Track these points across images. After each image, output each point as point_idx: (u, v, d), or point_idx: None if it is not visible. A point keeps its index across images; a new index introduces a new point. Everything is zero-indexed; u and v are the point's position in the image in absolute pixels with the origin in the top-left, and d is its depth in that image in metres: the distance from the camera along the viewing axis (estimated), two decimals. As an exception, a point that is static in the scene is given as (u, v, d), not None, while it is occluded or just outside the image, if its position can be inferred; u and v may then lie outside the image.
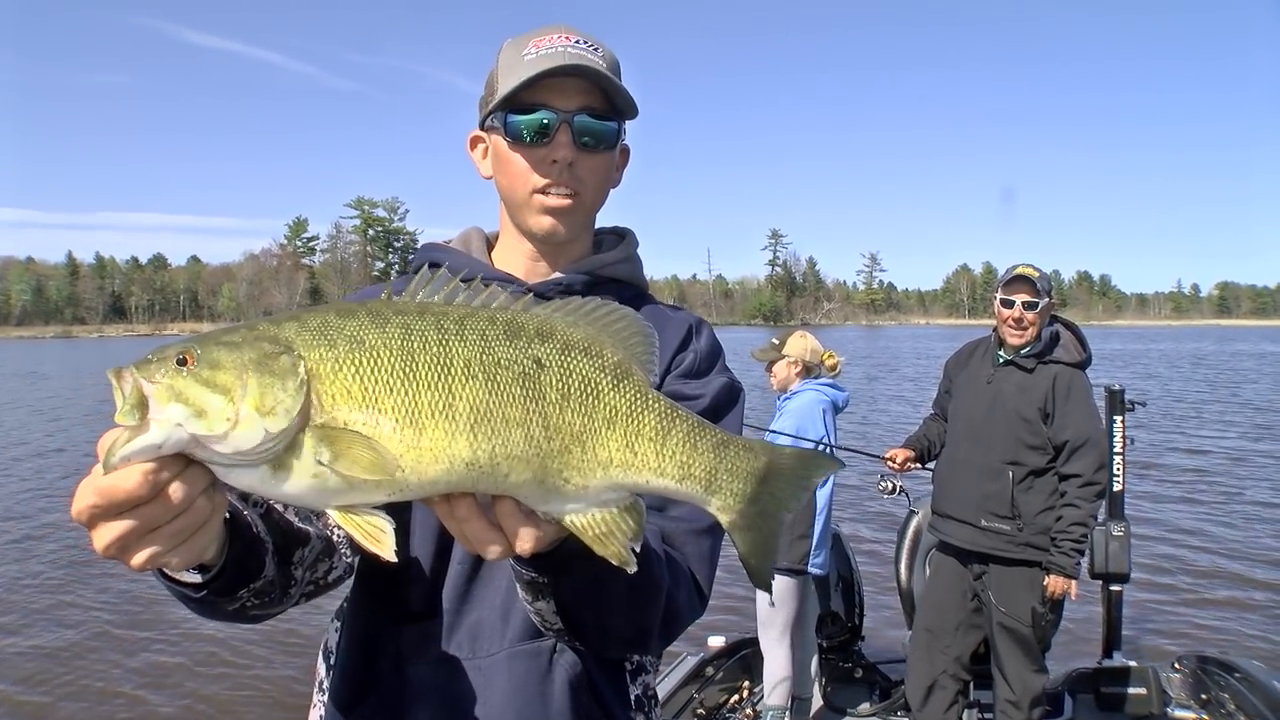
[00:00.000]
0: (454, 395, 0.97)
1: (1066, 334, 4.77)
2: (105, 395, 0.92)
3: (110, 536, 0.91)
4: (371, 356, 0.96)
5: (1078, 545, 4.48)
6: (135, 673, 7.46)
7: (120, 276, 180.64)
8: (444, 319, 1.00)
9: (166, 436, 0.89)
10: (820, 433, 5.30)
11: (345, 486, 0.94)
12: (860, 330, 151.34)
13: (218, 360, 0.92)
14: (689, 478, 1.08)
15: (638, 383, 1.08)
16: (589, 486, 1.03)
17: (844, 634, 5.84)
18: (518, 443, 0.99)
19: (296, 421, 0.92)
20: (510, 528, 1.04)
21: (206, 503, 0.95)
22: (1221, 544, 11.37)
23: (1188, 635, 8.12)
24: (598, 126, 1.53)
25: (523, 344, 1.02)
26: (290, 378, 0.93)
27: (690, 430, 1.08)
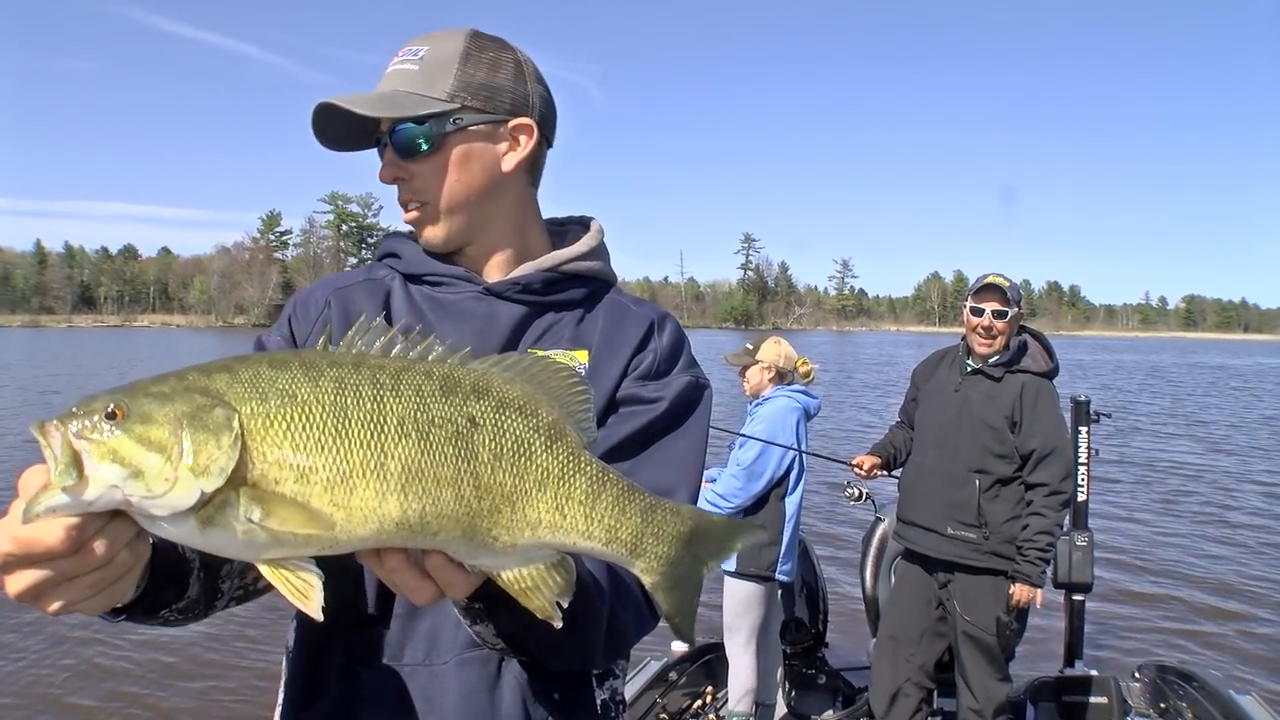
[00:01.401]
0: (386, 454, 0.95)
1: (1034, 344, 4.78)
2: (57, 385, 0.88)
3: (24, 584, 0.89)
4: (304, 412, 0.94)
5: (1043, 554, 4.49)
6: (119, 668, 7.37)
7: (90, 266, 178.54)
8: (380, 373, 0.99)
9: (99, 495, 0.86)
10: (791, 439, 5.29)
11: (274, 542, 0.92)
12: (831, 336, 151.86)
13: (150, 414, 0.89)
14: (615, 541, 1.08)
15: (571, 444, 1.07)
16: (517, 545, 1.03)
17: (808, 640, 5.83)
18: (448, 502, 0.98)
19: (229, 479, 0.89)
20: (440, 578, 1.03)
21: (129, 555, 0.94)
22: (1183, 555, 11.53)
23: (1148, 645, 8.19)
24: (400, 136, 1.47)
25: (458, 401, 1.01)
26: (224, 433, 0.90)
27: (619, 495, 1.08)
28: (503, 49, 1.54)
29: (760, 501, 5.22)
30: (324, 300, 1.58)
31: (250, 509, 0.90)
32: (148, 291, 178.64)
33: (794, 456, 5.29)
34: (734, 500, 5.16)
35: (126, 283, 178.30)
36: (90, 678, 7.16)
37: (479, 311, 1.53)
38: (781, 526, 5.24)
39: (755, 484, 5.17)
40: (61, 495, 0.85)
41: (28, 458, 0.86)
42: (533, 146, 1.54)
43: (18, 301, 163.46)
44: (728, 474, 5.23)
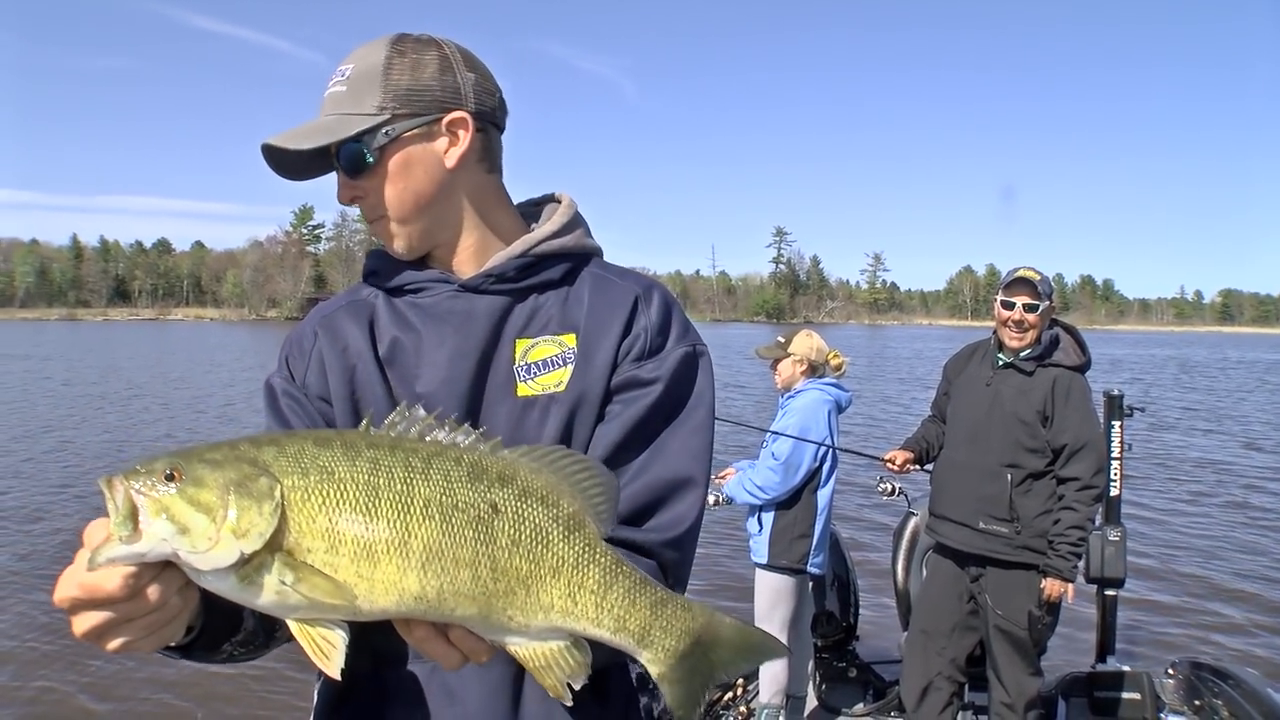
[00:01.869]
0: (410, 533, 1.03)
1: (1066, 337, 4.77)
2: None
3: (88, 625, 1.00)
4: (339, 489, 1.02)
5: (1075, 548, 4.49)
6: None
7: (124, 260, 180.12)
8: (413, 456, 1.07)
9: (151, 548, 0.97)
10: (823, 433, 5.32)
11: (304, 604, 1.01)
12: (863, 330, 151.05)
13: (202, 479, 0.99)
14: (623, 630, 1.15)
15: (588, 535, 1.14)
16: (530, 626, 1.11)
17: (839, 634, 5.85)
18: (465, 581, 1.06)
19: (268, 544, 0.99)
20: (465, 647, 1.12)
21: (179, 600, 1.05)
22: (1217, 551, 11.41)
23: (1182, 641, 8.13)
24: (344, 157, 1.50)
25: (483, 487, 1.08)
26: (266, 501, 0.99)
27: (630, 588, 1.15)
28: (425, 48, 1.52)
29: (793, 494, 5.24)
30: (313, 332, 1.59)
31: (284, 573, 1.00)
32: (181, 285, 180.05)
33: (828, 449, 5.31)
34: (771, 493, 5.19)
35: (160, 276, 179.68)
36: (128, 668, 7.26)
37: (457, 309, 1.52)
38: (814, 519, 5.27)
39: (792, 477, 5.19)
40: (120, 547, 0.96)
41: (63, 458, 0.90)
42: (471, 138, 1.53)
43: (55, 295, 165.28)
44: (764, 466, 5.25)
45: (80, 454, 16.90)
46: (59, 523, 11.63)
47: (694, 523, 1.49)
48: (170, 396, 27.84)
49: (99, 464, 15.74)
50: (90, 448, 17.62)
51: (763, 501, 5.23)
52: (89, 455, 16.68)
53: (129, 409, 24.18)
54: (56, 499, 13.05)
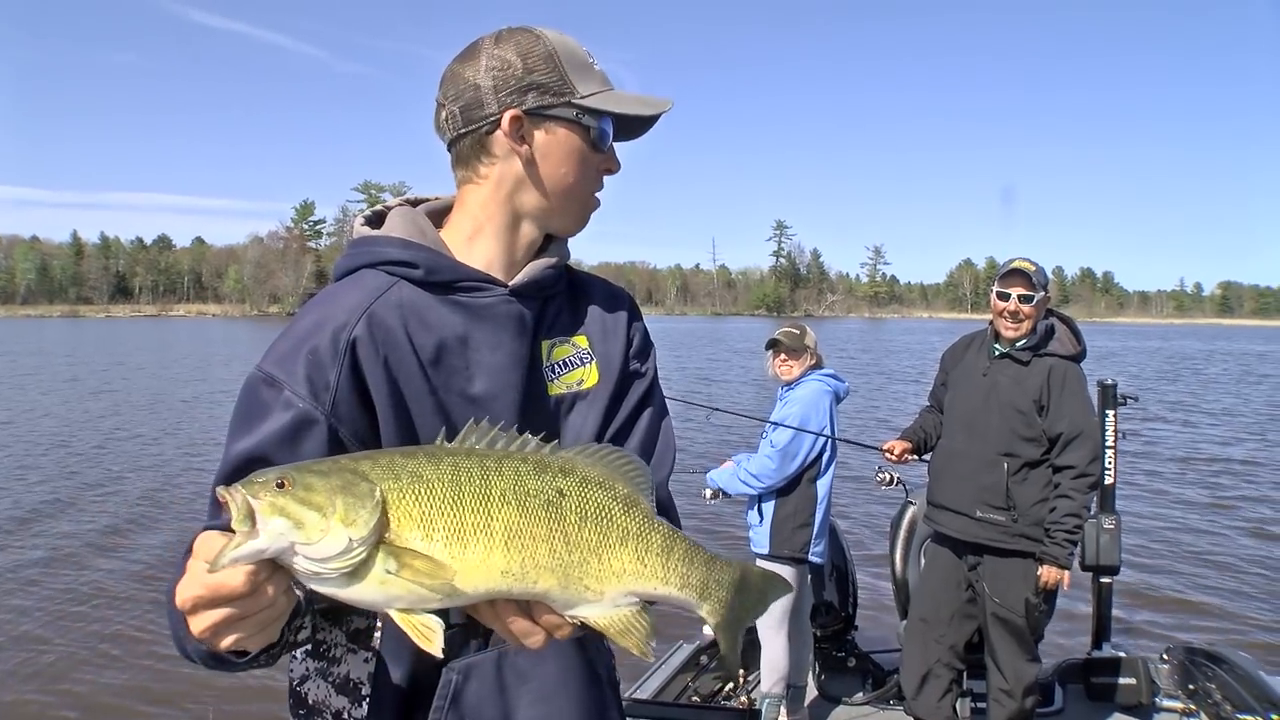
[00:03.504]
0: (491, 518, 1.18)
1: (1061, 327, 4.82)
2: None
3: (209, 622, 1.10)
4: (428, 487, 1.17)
5: (1071, 536, 4.54)
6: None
7: (125, 257, 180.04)
8: (485, 459, 1.22)
9: (271, 543, 1.08)
10: (823, 423, 5.36)
11: (406, 593, 1.14)
12: (863, 323, 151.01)
13: (311, 484, 1.11)
14: (688, 586, 1.31)
15: (645, 510, 1.30)
16: (605, 592, 1.25)
17: (838, 623, 5.88)
18: (543, 554, 1.20)
19: (373, 535, 1.12)
20: (547, 624, 1.24)
21: (285, 600, 1.15)
22: (1211, 537, 11.59)
23: (1176, 627, 8.21)
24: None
25: (549, 478, 1.24)
26: (369, 500, 1.12)
27: (688, 549, 1.31)
28: None
29: (792, 483, 5.28)
30: (346, 341, 1.46)
31: (387, 562, 1.13)
32: (182, 281, 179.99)
33: (827, 439, 5.36)
34: (766, 481, 5.23)
35: (161, 272, 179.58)
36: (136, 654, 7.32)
37: (512, 314, 1.57)
38: (814, 508, 5.30)
39: (789, 465, 5.23)
40: (242, 546, 1.06)
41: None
42: None
43: (55, 292, 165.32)
44: (762, 454, 5.29)
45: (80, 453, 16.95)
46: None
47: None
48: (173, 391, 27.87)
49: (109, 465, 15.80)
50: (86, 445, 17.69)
51: (758, 490, 5.27)
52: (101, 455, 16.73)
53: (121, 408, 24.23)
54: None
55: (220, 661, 1.28)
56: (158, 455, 16.57)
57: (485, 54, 1.55)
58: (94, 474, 14.77)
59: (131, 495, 13.22)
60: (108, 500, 12.91)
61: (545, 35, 1.57)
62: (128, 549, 10.57)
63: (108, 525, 11.54)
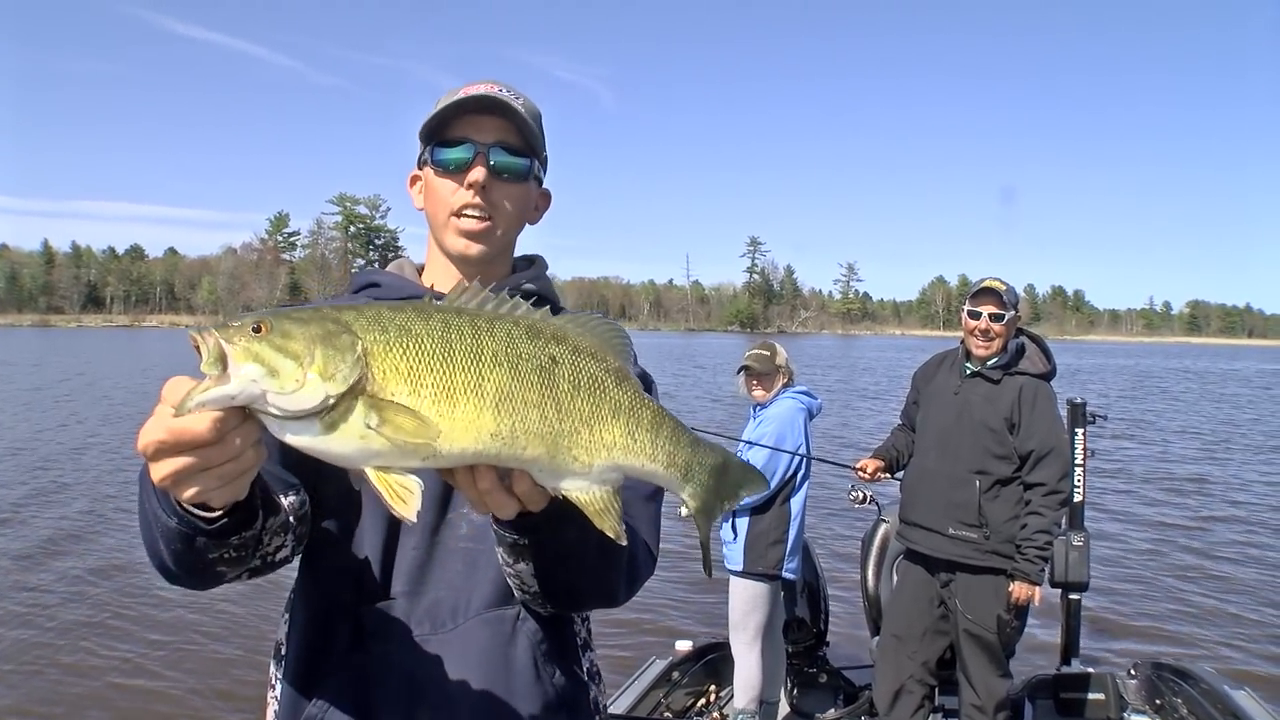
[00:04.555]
0: (483, 378, 1.13)
1: (1032, 346, 4.89)
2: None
3: (170, 469, 1.05)
4: (416, 342, 1.12)
5: (1042, 552, 4.58)
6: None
7: (97, 266, 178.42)
8: (477, 318, 1.17)
9: (241, 390, 1.02)
10: (798, 441, 5.39)
11: (386, 449, 1.08)
12: (836, 339, 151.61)
13: (289, 331, 1.07)
14: (673, 465, 1.27)
15: (635, 385, 1.26)
16: (593, 465, 1.21)
17: (809, 639, 5.92)
18: (534, 421, 1.15)
19: (351, 389, 1.06)
20: (523, 493, 1.21)
21: (254, 452, 1.10)
22: (1176, 554, 11.76)
23: (1143, 643, 8.31)
24: (509, 159, 1.71)
25: (541, 343, 1.19)
26: (349, 352, 1.07)
27: (675, 427, 1.28)
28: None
29: (767, 501, 5.31)
30: None
31: (368, 415, 1.07)
32: (155, 292, 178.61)
33: (801, 457, 5.38)
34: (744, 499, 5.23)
35: (133, 283, 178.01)
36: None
37: None
38: (787, 525, 5.34)
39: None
40: (211, 390, 1.01)
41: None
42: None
43: (25, 301, 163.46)
44: None
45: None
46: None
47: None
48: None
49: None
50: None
51: (734, 507, 5.28)
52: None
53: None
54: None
55: (189, 547, 1.25)
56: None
57: None
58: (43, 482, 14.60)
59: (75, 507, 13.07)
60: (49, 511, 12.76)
61: (443, 97, 1.74)
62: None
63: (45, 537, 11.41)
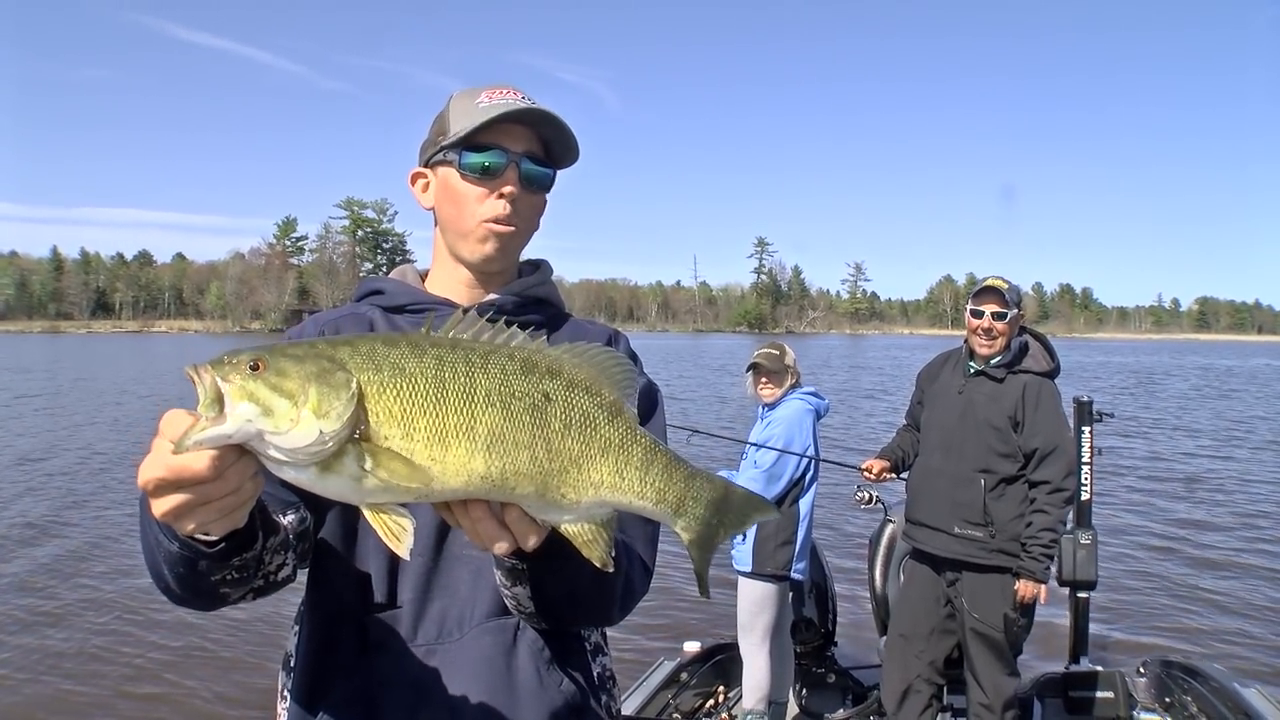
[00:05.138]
0: (475, 420, 1.14)
1: (1035, 344, 4.88)
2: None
3: (170, 505, 1.08)
4: (410, 382, 1.13)
5: (1047, 550, 4.58)
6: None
7: (105, 273, 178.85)
8: (472, 353, 1.18)
9: (237, 429, 1.04)
10: (806, 443, 5.40)
11: (379, 489, 1.11)
12: (843, 339, 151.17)
13: (284, 369, 1.08)
14: (663, 501, 1.28)
15: (628, 420, 1.26)
16: (581, 502, 1.23)
17: (818, 640, 5.93)
18: (525, 462, 1.17)
19: (346, 429, 1.08)
20: (517, 530, 1.23)
21: (252, 486, 1.13)
22: (1185, 552, 11.70)
23: (1152, 641, 8.28)
24: (538, 170, 1.73)
25: (535, 379, 1.20)
26: (344, 391, 1.08)
27: (667, 464, 1.28)
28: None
29: (776, 502, 5.29)
30: (317, 333, 1.72)
31: (362, 459, 1.09)
32: (163, 297, 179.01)
33: (809, 459, 5.39)
34: None
35: (142, 288, 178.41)
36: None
37: None
38: (796, 526, 5.34)
39: (775, 486, 5.26)
40: (208, 429, 1.03)
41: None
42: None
43: (35, 308, 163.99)
44: (747, 477, 5.31)
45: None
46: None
47: None
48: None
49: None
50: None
51: (741, 534, 5.27)
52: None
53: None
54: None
55: (191, 570, 1.27)
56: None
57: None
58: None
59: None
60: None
61: (456, 96, 1.76)
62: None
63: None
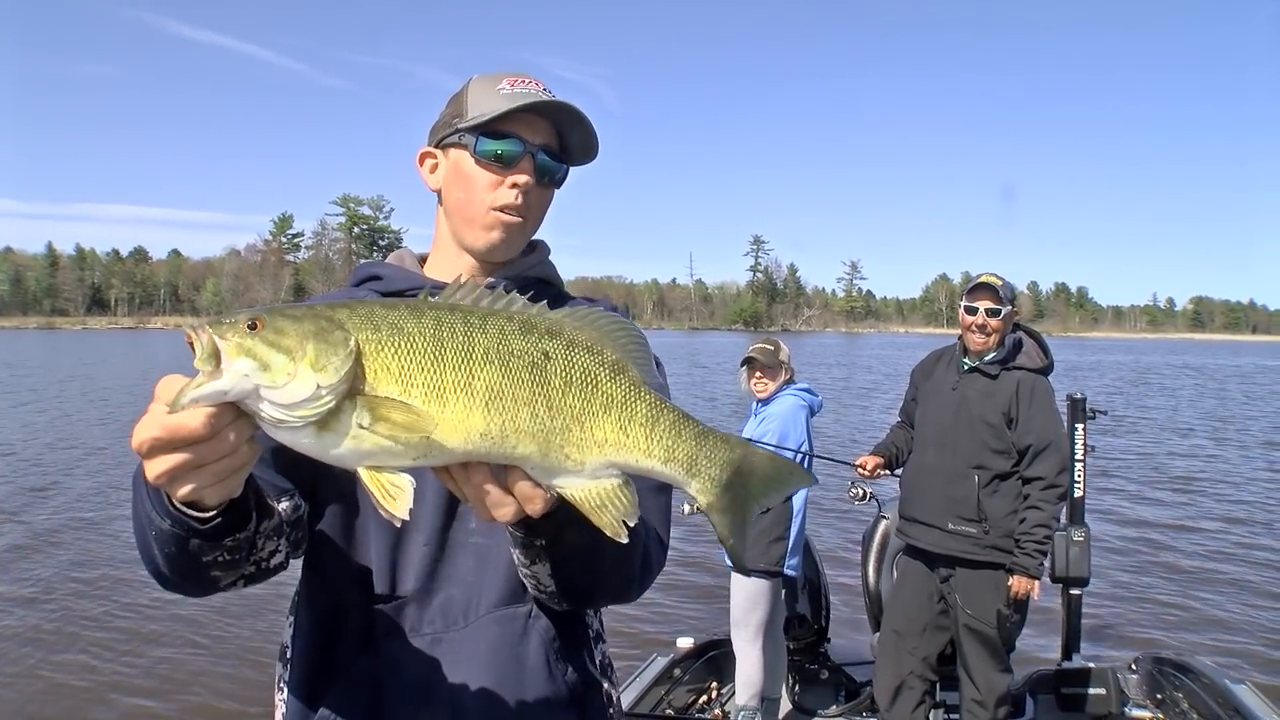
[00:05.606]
0: (473, 377, 1.13)
1: (1029, 341, 4.89)
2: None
3: (165, 467, 1.06)
4: (408, 340, 1.12)
5: (1040, 546, 4.59)
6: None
7: (100, 269, 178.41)
8: (470, 315, 1.17)
9: (234, 385, 1.03)
10: (801, 438, 5.40)
11: (377, 448, 1.10)
12: (839, 337, 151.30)
13: (282, 327, 1.07)
14: (673, 460, 1.23)
15: (632, 378, 1.23)
16: (586, 462, 1.19)
17: (810, 636, 5.93)
18: (525, 419, 1.15)
19: (343, 385, 1.07)
20: (520, 493, 1.19)
21: (248, 449, 1.11)
22: (1178, 548, 11.80)
23: (1144, 637, 8.32)
24: (553, 164, 1.71)
25: (534, 339, 1.18)
26: (341, 348, 1.08)
27: (676, 420, 1.24)
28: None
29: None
30: None
31: (361, 415, 1.08)
32: (159, 294, 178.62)
33: (804, 455, 5.39)
34: None
35: (138, 285, 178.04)
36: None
37: None
38: (789, 522, 5.34)
39: None
40: (204, 385, 1.02)
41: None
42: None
43: (30, 304, 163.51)
44: None
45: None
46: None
47: None
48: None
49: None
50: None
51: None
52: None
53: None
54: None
55: (182, 550, 1.24)
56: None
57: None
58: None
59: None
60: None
61: (475, 79, 1.73)
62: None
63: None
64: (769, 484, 1.31)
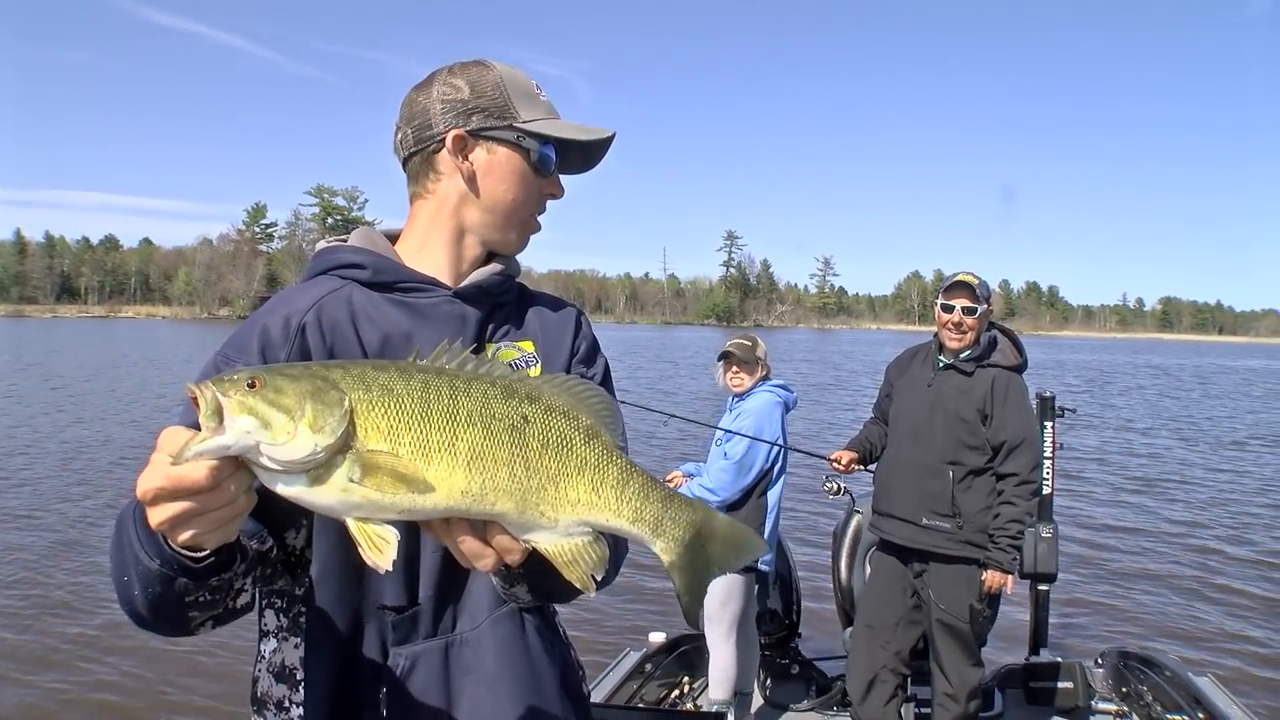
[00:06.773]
0: (457, 437, 1.20)
1: (1004, 339, 4.94)
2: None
3: (168, 514, 1.11)
4: (397, 401, 1.19)
5: (1014, 541, 4.63)
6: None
7: (70, 256, 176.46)
8: (455, 379, 1.24)
9: (236, 440, 1.09)
10: (776, 434, 5.39)
11: (365, 501, 1.16)
12: (811, 333, 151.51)
13: (281, 386, 1.13)
14: (640, 520, 1.31)
15: (605, 443, 1.30)
16: (559, 520, 1.26)
17: (782, 631, 5.97)
18: (504, 478, 1.22)
19: (338, 443, 1.13)
20: (499, 545, 1.25)
21: (246, 499, 1.17)
22: (1141, 544, 12.00)
23: (1110, 632, 8.46)
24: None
25: (515, 403, 1.26)
26: (337, 408, 1.14)
27: (644, 484, 1.31)
28: None
29: (744, 494, 5.32)
30: (296, 325, 1.60)
31: (351, 469, 1.14)
32: (130, 283, 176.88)
33: (779, 450, 5.41)
34: (722, 493, 5.24)
35: (108, 273, 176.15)
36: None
37: (454, 314, 1.68)
38: (764, 518, 5.34)
39: (744, 478, 5.26)
40: (208, 440, 1.08)
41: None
42: None
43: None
44: (716, 468, 5.31)
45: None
46: None
47: None
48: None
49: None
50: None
51: (715, 502, 5.23)
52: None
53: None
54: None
55: (168, 589, 1.29)
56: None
57: (439, 82, 1.70)
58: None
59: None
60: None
61: (495, 67, 1.72)
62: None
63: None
64: (729, 549, 1.39)
